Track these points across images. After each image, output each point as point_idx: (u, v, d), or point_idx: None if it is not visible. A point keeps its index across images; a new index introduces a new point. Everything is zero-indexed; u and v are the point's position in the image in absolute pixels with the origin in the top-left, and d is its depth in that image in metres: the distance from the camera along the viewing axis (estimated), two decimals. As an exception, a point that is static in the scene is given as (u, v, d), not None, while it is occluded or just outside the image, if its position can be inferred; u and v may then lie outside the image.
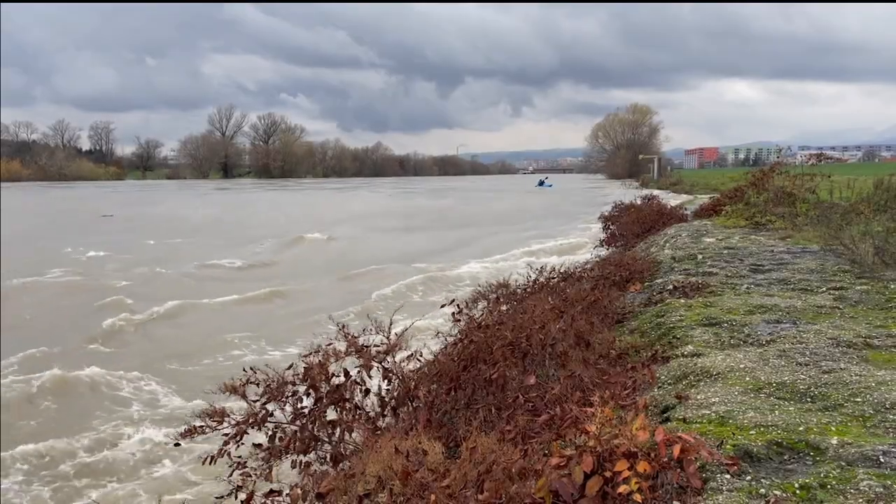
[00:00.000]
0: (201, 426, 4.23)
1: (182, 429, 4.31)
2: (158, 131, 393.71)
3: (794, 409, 3.74)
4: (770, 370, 4.43)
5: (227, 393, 4.37)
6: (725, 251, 10.46)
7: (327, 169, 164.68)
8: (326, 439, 4.47)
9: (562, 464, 2.82)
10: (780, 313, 6.12)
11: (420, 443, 3.45)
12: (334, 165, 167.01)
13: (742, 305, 6.47)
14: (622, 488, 2.70)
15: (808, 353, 4.81)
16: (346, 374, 4.65)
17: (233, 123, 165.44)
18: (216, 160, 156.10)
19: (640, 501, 2.69)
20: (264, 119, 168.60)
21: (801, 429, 3.41)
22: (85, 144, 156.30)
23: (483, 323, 5.38)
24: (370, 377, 4.74)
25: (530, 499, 2.78)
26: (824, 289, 7.21)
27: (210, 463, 4.27)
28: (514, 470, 2.90)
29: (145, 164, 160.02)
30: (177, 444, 5.05)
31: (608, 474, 2.75)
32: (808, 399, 3.91)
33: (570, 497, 2.74)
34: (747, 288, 7.46)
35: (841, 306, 6.35)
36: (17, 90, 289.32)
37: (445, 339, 5.62)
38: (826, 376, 4.26)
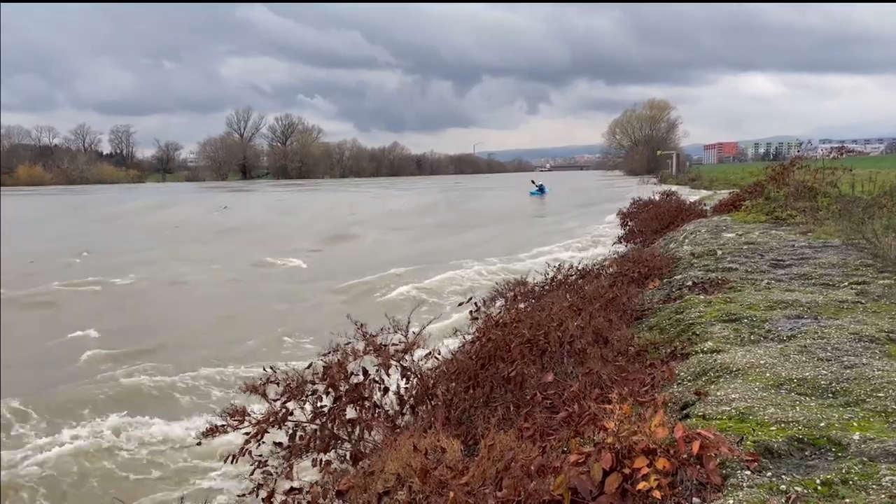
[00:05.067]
0: (223, 425, 4.28)
1: (204, 427, 4.36)
2: (177, 134, 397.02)
3: (816, 404, 3.70)
4: (791, 366, 4.39)
5: (248, 392, 4.42)
6: (745, 246, 10.36)
7: (344, 169, 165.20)
8: (346, 438, 4.50)
9: (580, 461, 2.82)
10: (801, 308, 6.06)
11: (438, 441, 3.47)
12: (351, 166, 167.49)
13: (762, 301, 6.41)
14: (641, 485, 2.69)
15: (829, 348, 4.76)
16: (365, 372, 4.68)
17: (251, 125, 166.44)
18: (235, 162, 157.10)
19: (660, 498, 2.69)
20: (282, 120, 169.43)
21: (822, 425, 3.38)
22: (106, 148, 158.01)
23: (501, 321, 5.38)
24: (389, 376, 4.77)
25: (549, 496, 2.78)
26: (846, 283, 7.12)
27: (232, 461, 4.32)
28: (532, 467, 2.91)
29: (165, 167, 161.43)
30: (199, 443, 5.11)
31: (627, 471, 2.75)
32: (830, 395, 3.87)
33: (589, 494, 2.74)
34: (768, 283, 7.38)
35: (863, 301, 6.27)
36: (40, 95, 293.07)
37: (463, 338, 5.63)
38: (848, 371, 4.21)
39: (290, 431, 4.44)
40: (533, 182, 60.34)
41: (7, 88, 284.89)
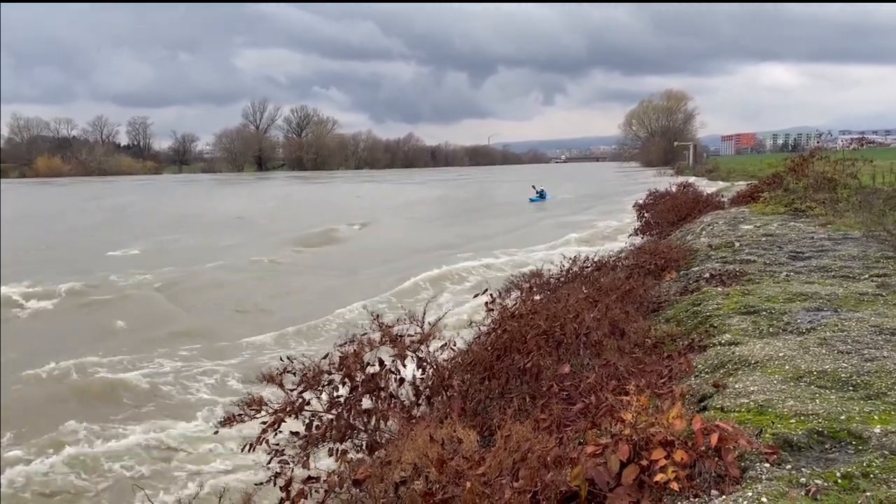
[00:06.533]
0: (240, 414, 4.31)
1: (221, 417, 4.40)
2: (194, 126, 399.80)
3: (836, 397, 3.67)
4: (810, 358, 4.35)
5: (265, 382, 4.45)
6: (764, 238, 10.27)
7: (359, 161, 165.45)
8: (362, 427, 4.52)
9: (597, 452, 2.82)
10: (821, 301, 6.00)
11: (455, 431, 3.48)
12: (366, 157, 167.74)
13: (781, 293, 6.35)
14: (659, 477, 2.68)
15: (849, 340, 4.71)
16: (381, 363, 4.69)
17: (266, 117, 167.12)
18: (250, 153, 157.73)
19: (677, 490, 2.68)
20: (297, 112, 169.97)
21: (842, 417, 3.34)
22: (123, 140, 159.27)
23: (516, 312, 5.37)
24: (404, 366, 4.77)
25: (566, 487, 2.78)
26: (867, 276, 7.04)
27: (249, 450, 4.35)
28: (549, 458, 2.90)
29: (182, 159, 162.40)
30: (216, 432, 5.16)
31: (644, 463, 2.74)
32: (850, 387, 3.83)
33: (606, 485, 2.73)
34: (786, 275, 7.32)
35: (884, 293, 6.19)
36: (59, 87, 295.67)
37: (479, 329, 5.63)
38: (868, 364, 4.16)
39: (307, 421, 4.46)
40: (541, 194, 47.24)
41: (26, 80, 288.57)
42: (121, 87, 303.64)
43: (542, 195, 47.36)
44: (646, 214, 16.60)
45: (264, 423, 4.32)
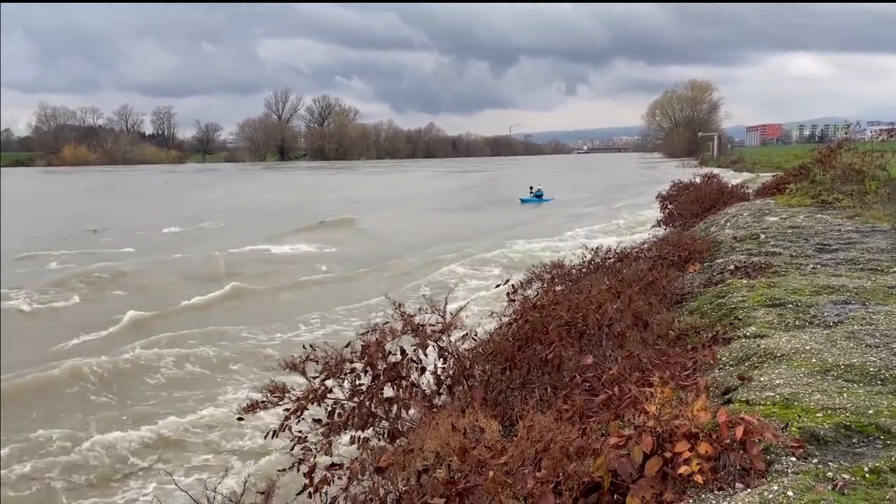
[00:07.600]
0: (263, 401, 4.35)
1: (245, 404, 4.44)
2: (217, 115, 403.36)
3: (864, 391, 3.61)
4: (838, 352, 4.28)
5: (288, 370, 4.48)
6: (790, 230, 10.13)
7: (381, 151, 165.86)
8: (384, 416, 4.54)
9: (620, 443, 2.80)
10: (849, 294, 5.90)
11: (477, 420, 3.48)
12: (387, 147, 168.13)
13: (807, 286, 6.26)
14: (682, 469, 2.67)
15: (878, 334, 4.64)
16: (403, 352, 4.70)
17: (289, 107, 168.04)
18: (273, 143, 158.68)
19: (701, 483, 2.66)
20: (319, 102, 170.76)
21: (870, 412, 3.29)
22: (148, 129, 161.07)
23: (538, 303, 5.35)
24: (426, 356, 4.78)
25: (588, 477, 2.77)
26: (895, 269, 6.92)
27: (272, 437, 4.40)
28: (571, 449, 2.89)
29: (205, 148, 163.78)
30: (240, 419, 5.21)
31: (668, 455, 2.73)
32: (879, 382, 3.77)
33: (629, 477, 2.72)
34: (813, 268, 7.21)
35: (914, 287, 6.08)
36: (85, 77, 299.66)
37: (500, 319, 5.62)
38: (898, 359, 4.09)
39: (329, 408, 4.50)
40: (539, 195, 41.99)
41: (53, 70, 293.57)
42: (145, 76, 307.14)
43: (538, 195, 42.19)
44: (669, 205, 16.45)
45: (287, 410, 4.36)
